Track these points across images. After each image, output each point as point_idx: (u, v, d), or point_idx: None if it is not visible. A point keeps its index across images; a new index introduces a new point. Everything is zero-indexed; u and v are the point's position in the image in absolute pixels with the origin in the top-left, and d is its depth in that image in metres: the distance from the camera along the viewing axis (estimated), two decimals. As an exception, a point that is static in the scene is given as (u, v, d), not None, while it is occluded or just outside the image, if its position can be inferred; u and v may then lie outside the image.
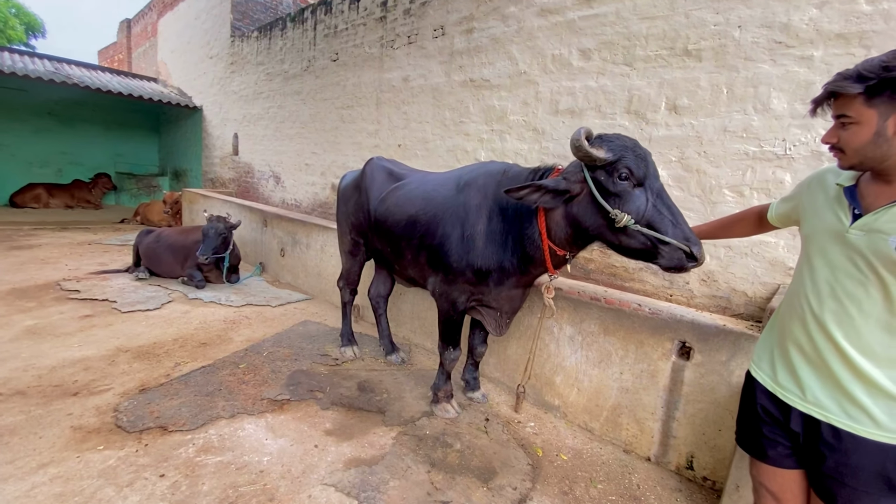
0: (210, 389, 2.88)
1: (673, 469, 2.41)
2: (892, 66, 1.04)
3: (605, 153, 1.75)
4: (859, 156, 1.14)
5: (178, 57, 10.71)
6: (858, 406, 1.15)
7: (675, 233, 1.68)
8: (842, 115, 1.13)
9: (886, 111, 1.06)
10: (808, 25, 2.62)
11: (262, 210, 5.87)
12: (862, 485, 1.14)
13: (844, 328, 1.17)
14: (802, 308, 1.27)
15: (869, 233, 1.13)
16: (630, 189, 1.76)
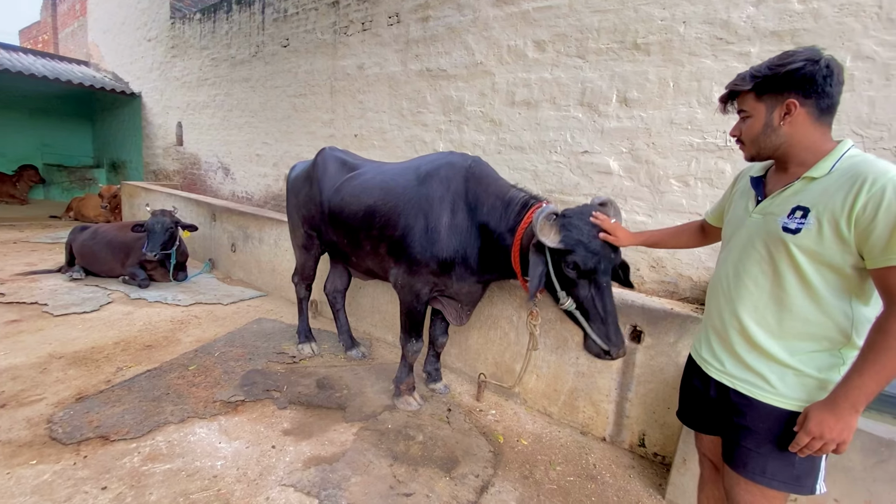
0: (156, 394, 2.72)
1: (627, 447, 2.52)
2: (774, 66, 1.19)
3: (560, 242, 1.80)
4: (756, 146, 1.27)
5: (111, 38, 9.92)
6: (756, 373, 1.25)
7: (599, 330, 1.82)
8: (741, 111, 1.27)
9: (772, 104, 1.20)
10: (745, 23, 2.76)
11: (211, 203, 5.59)
12: (754, 445, 1.24)
13: (745, 303, 1.28)
14: (718, 289, 1.38)
15: (765, 216, 1.25)
16: (576, 278, 1.83)
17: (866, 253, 1.08)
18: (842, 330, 1.16)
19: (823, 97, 1.16)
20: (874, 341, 1.06)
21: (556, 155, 3.57)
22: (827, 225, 1.11)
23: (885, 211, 1.03)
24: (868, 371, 1.05)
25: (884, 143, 2.42)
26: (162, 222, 4.55)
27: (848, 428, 1.07)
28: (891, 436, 1.65)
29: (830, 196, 1.12)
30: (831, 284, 1.15)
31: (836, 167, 1.15)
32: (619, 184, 3.28)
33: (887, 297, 1.06)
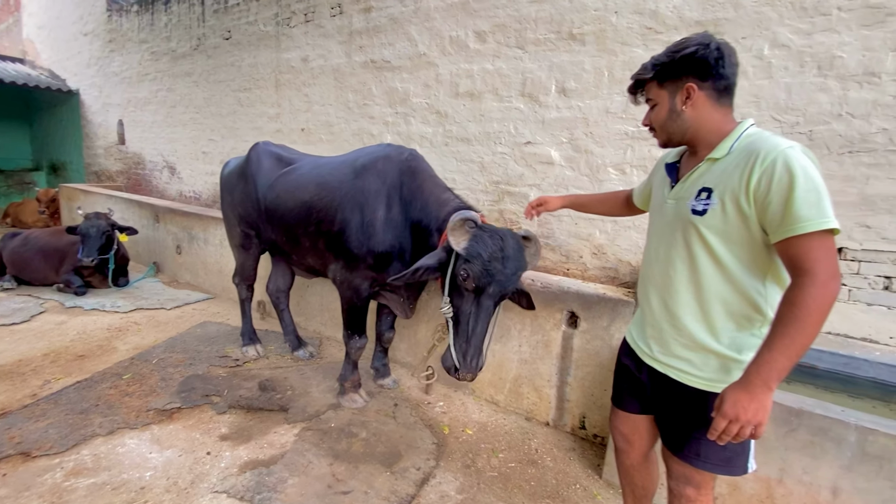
0: (85, 406, 2.58)
1: (569, 431, 2.57)
2: (670, 52, 1.22)
3: (463, 249, 1.79)
4: (665, 132, 1.30)
5: (47, 34, 9.30)
6: (683, 358, 1.28)
7: (460, 347, 1.82)
8: (648, 99, 1.31)
9: (674, 90, 1.23)
10: (672, 13, 2.83)
11: (153, 204, 5.34)
12: (687, 428, 1.28)
13: (668, 289, 1.30)
14: (646, 275, 1.43)
15: (677, 200, 1.28)
16: (464, 290, 1.83)
17: (767, 227, 1.09)
18: (757, 307, 1.18)
19: (719, 79, 1.19)
20: (782, 314, 1.04)
21: (501, 146, 3.58)
22: (729, 203, 1.13)
23: (777, 183, 1.04)
24: (777, 346, 1.02)
25: (800, 127, 2.53)
26: (97, 226, 4.31)
27: (763, 408, 1.03)
28: (800, 405, 1.73)
29: (729, 175, 1.14)
30: (743, 262, 1.16)
31: (735, 146, 1.18)
32: (561, 173, 3.33)
33: (791, 269, 1.06)
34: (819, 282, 1.00)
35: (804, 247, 1.02)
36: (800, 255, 1.03)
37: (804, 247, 1.02)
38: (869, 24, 2.32)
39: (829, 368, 2.45)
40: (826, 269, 1.01)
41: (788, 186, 1.03)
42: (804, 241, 1.02)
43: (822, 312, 1.00)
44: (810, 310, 0.99)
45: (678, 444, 1.30)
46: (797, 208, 1.02)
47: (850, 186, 2.44)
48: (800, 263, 1.03)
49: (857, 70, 2.37)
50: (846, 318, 2.52)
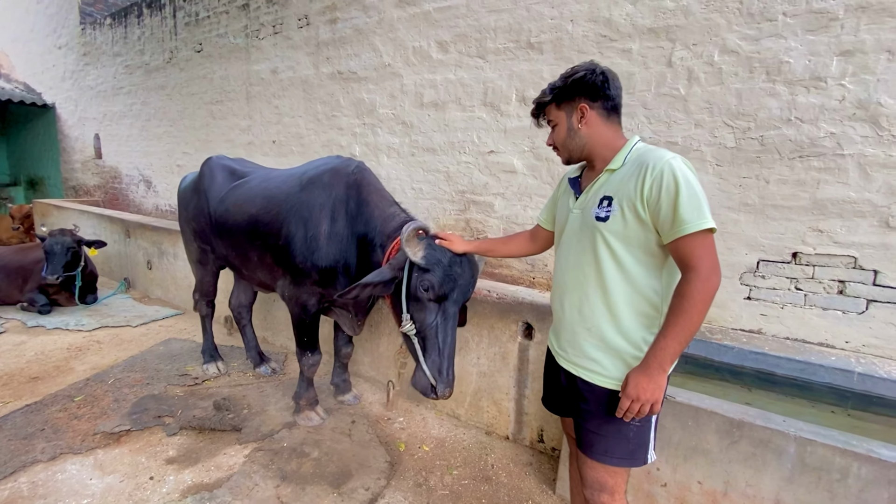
0: (30, 431, 2.50)
1: (528, 444, 2.52)
2: (564, 78, 1.36)
3: (421, 258, 1.74)
4: (567, 149, 1.42)
5: (21, 47, 9.23)
6: (592, 359, 1.36)
7: (433, 363, 1.72)
8: (549, 121, 1.44)
9: (570, 111, 1.36)
10: (626, 20, 2.83)
11: (124, 219, 5.27)
12: (595, 427, 1.36)
13: (578, 292, 1.38)
14: (557, 281, 1.50)
15: (582, 210, 1.39)
16: (427, 301, 1.77)
17: (660, 229, 1.21)
18: (655, 306, 1.29)
19: (606, 99, 1.34)
20: (674, 305, 1.18)
21: (465, 155, 3.56)
22: (627, 209, 1.25)
23: (665, 190, 1.18)
24: (670, 333, 1.17)
25: (751, 132, 2.53)
26: (62, 242, 4.23)
27: (659, 388, 1.19)
28: (741, 416, 1.70)
29: (625, 184, 1.27)
30: (642, 263, 1.27)
31: (628, 158, 1.32)
32: (524, 182, 3.31)
33: (682, 266, 1.19)
34: (702, 276, 1.14)
35: (688, 246, 1.16)
36: (685, 253, 1.17)
37: (688, 246, 1.16)
38: (813, 29, 2.33)
39: (787, 374, 2.43)
40: (707, 264, 1.14)
41: (675, 192, 1.16)
42: (688, 240, 1.16)
43: (705, 302, 1.14)
44: (695, 301, 1.14)
45: (589, 443, 1.38)
46: (682, 211, 1.15)
47: (801, 191, 2.43)
48: (686, 261, 1.17)
49: (803, 75, 2.37)
50: (803, 324, 2.51)
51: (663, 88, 2.75)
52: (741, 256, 2.62)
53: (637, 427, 1.33)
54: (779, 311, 2.57)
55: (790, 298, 2.53)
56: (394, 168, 3.98)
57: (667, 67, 2.73)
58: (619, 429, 1.33)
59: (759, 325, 2.63)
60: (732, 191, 2.61)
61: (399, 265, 1.88)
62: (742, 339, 2.58)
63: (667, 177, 1.17)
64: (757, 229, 2.57)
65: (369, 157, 4.11)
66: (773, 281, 2.57)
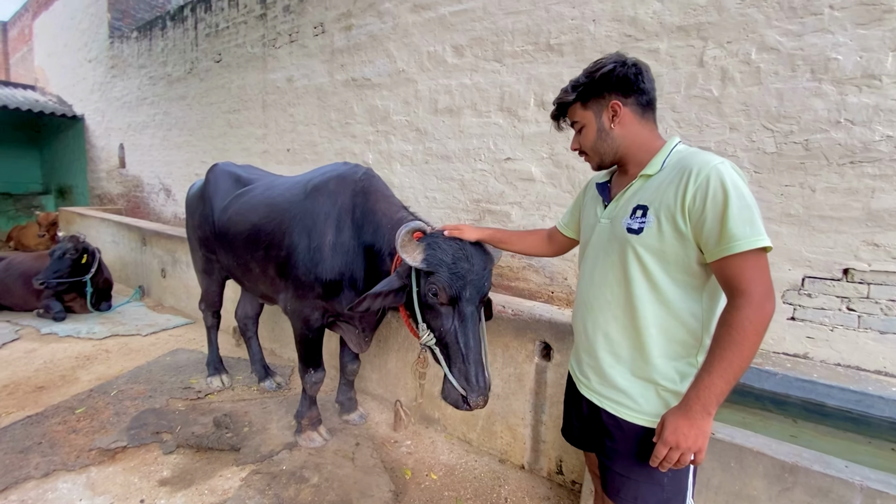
0: (27, 444, 2.42)
1: (545, 476, 2.31)
2: (589, 73, 1.20)
3: (422, 262, 1.58)
4: (597, 153, 1.25)
5: (55, 61, 9.60)
6: (620, 390, 1.19)
7: (459, 370, 1.55)
8: (573, 123, 1.27)
9: (598, 110, 1.20)
10: (652, 18, 2.65)
11: (140, 227, 5.29)
12: (624, 469, 1.19)
13: (605, 314, 1.21)
14: (580, 299, 1.32)
15: (612, 220, 1.22)
16: (439, 306, 1.61)
17: (703, 246, 1.05)
18: (693, 333, 1.13)
19: (641, 94, 1.18)
20: (719, 336, 1.01)
21: (481, 163, 3.41)
22: (665, 221, 1.09)
23: (711, 200, 1.02)
24: (716, 369, 0.99)
25: (794, 136, 2.31)
26: (63, 249, 4.25)
27: (703, 434, 1.02)
28: (794, 459, 1.47)
29: (664, 191, 1.10)
30: (679, 284, 1.11)
31: (667, 163, 1.15)
32: (542, 190, 3.13)
33: (729, 289, 1.02)
34: (755, 303, 0.98)
35: (738, 266, 1.00)
36: (734, 274, 1.00)
37: (738, 266, 1.00)
38: (865, 23, 2.11)
39: (840, 406, 2.17)
40: (760, 289, 0.98)
41: (723, 203, 1.00)
42: (739, 260, 0.99)
43: (758, 334, 0.98)
44: (747, 332, 0.97)
45: (615, 488, 1.21)
46: (731, 226, 0.99)
47: (853, 200, 2.19)
48: (735, 284, 1.00)
49: (854, 73, 2.14)
50: (857, 348, 2.24)
51: (694, 90, 2.55)
52: (784, 272, 2.38)
53: (673, 472, 1.13)
54: (828, 333, 2.31)
55: (841, 320, 2.27)
56: (407, 176, 3.85)
57: (698, 67, 2.53)
58: (651, 473, 1.15)
59: (805, 348, 2.37)
60: (773, 200, 2.38)
61: (406, 272, 1.71)
62: (786, 365, 2.32)
63: (713, 184, 1.01)
64: (801, 242, 2.33)
65: (382, 164, 4.01)
66: (821, 300, 2.32)
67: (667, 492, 1.16)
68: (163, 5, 8.20)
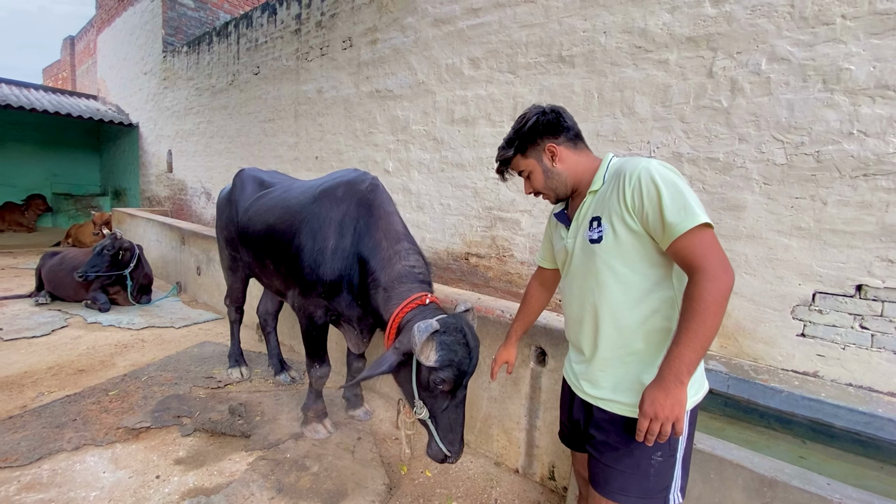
0: (63, 420, 2.67)
1: (538, 480, 2.33)
2: (517, 128, 1.35)
3: (435, 360, 1.74)
4: (551, 190, 1.37)
5: (115, 73, 10.43)
6: (607, 387, 1.27)
7: (445, 437, 1.81)
8: (520, 172, 1.40)
9: (538, 154, 1.34)
10: (662, 30, 2.67)
11: (181, 228, 5.66)
12: (612, 461, 1.25)
13: (588, 322, 1.30)
14: (567, 315, 1.43)
15: (576, 238, 1.33)
16: (440, 392, 1.80)
17: (655, 237, 1.15)
18: (670, 318, 1.20)
19: (567, 131, 1.33)
20: (684, 310, 1.08)
21: (493, 171, 3.48)
22: (617, 224, 1.19)
23: (647, 196, 1.12)
24: (684, 340, 1.06)
25: (805, 147, 2.26)
26: (104, 245, 4.64)
27: (678, 403, 1.08)
28: (774, 473, 1.45)
29: (608, 200, 1.22)
30: (648, 277, 1.19)
31: (606, 175, 1.27)
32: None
33: (687, 269, 1.10)
34: (710, 275, 1.05)
35: (687, 247, 1.08)
36: (686, 254, 1.08)
37: (687, 247, 1.08)
38: (879, 33, 2.06)
39: (848, 428, 2.09)
40: (713, 262, 1.05)
41: (657, 196, 1.10)
42: (685, 241, 1.08)
43: (718, 304, 1.04)
44: (707, 302, 1.04)
45: (604, 479, 1.27)
46: (668, 214, 1.08)
47: (867, 214, 2.12)
48: (689, 262, 1.08)
49: (867, 83, 2.09)
50: (869, 368, 2.15)
51: (703, 101, 2.53)
52: (793, 287, 2.31)
53: (659, 462, 1.20)
54: (839, 351, 2.23)
55: (853, 338, 2.19)
56: (424, 184, 3.97)
57: (707, 78, 2.52)
58: (639, 464, 1.21)
59: (814, 366, 2.29)
60: (783, 213, 2.33)
61: (406, 350, 1.83)
62: (794, 382, 2.25)
63: (645, 182, 1.12)
64: (812, 257, 2.27)
65: (401, 172, 4.15)
66: (833, 317, 2.24)
67: (651, 482, 1.21)
68: (211, 21, 8.77)
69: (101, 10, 10.83)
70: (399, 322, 1.94)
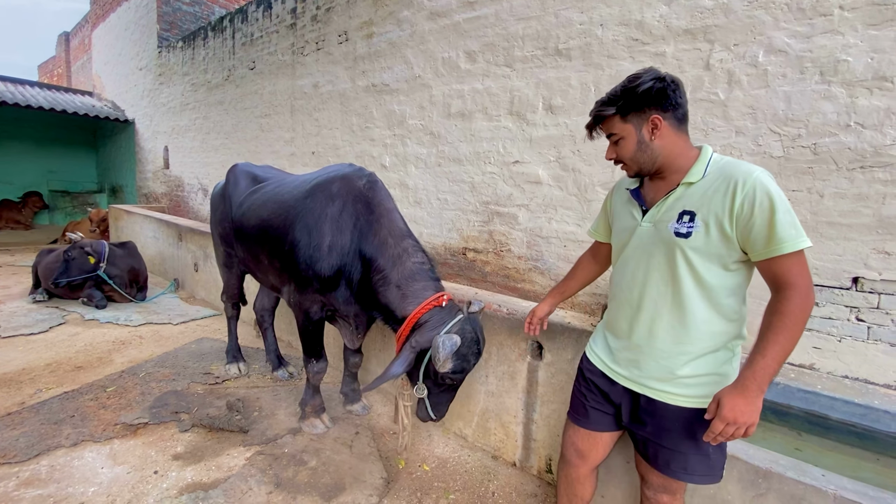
0: (62, 416, 2.67)
1: (535, 473, 2.33)
2: (628, 88, 1.26)
3: (449, 368, 1.87)
4: (636, 163, 1.32)
5: (111, 69, 10.36)
6: (665, 380, 1.31)
7: (436, 408, 2.08)
8: (610, 134, 1.34)
9: (639, 122, 1.27)
10: (659, 22, 2.65)
11: (177, 224, 5.65)
12: (673, 445, 1.32)
13: (651, 311, 1.32)
14: (621, 298, 1.41)
15: (655, 224, 1.32)
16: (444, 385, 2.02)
17: (750, 247, 1.17)
18: (731, 322, 1.26)
19: (678, 108, 1.26)
20: (774, 324, 1.12)
21: (490, 166, 3.47)
22: (713, 226, 1.20)
23: (759, 207, 1.13)
24: (770, 352, 1.11)
25: (802, 140, 2.26)
26: (66, 252, 4.65)
27: (757, 410, 1.13)
28: (769, 465, 1.46)
29: (710, 199, 1.21)
30: (722, 281, 1.24)
31: (708, 171, 1.25)
32: (549, 193, 3.16)
33: (775, 284, 1.16)
34: (802, 293, 1.11)
35: (787, 264, 1.13)
36: (783, 271, 1.13)
37: (787, 264, 1.13)
38: (877, 24, 2.05)
39: (844, 420, 2.10)
40: (806, 281, 1.12)
41: (769, 209, 1.12)
42: (787, 259, 1.12)
43: (805, 320, 1.11)
44: (797, 318, 1.10)
45: (664, 461, 1.34)
46: (779, 229, 1.11)
47: (863, 206, 2.12)
48: (785, 279, 1.13)
49: (865, 75, 2.08)
50: (865, 360, 2.16)
51: (700, 93, 2.52)
52: (789, 280, 2.31)
53: (716, 445, 1.29)
54: (836, 344, 2.23)
55: (849, 330, 2.20)
56: (421, 178, 3.96)
57: (704, 70, 2.51)
58: (699, 446, 1.30)
59: (810, 359, 2.30)
60: (779, 205, 2.32)
61: (420, 351, 1.98)
62: (790, 375, 2.26)
63: (760, 193, 1.13)
64: (809, 249, 2.25)
65: (398, 167, 4.13)
66: (829, 309, 2.24)
67: (712, 460, 1.31)
68: (206, 16, 8.71)
69: (95, 6, 10.74)
70: (416, 321, 2.03)
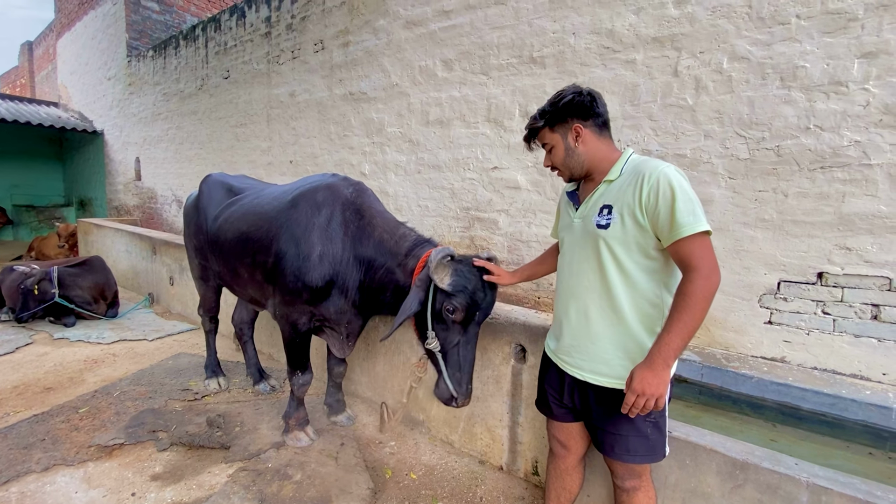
0: (31, 441, 2.56)
1: (522, 476, 2.35)
2: (553, 103, 1.41)
3: (448, 283, 1.84)
4: (567, 168, 1.46)
5: (77, 79, 10.06)
6: (599, 362, 1.40)
7: (453, 377, 1.89)
8: (544, 144, 1.48)
9: (564, 131, 1.42)
10: (629, 31, 2.74)
11: (151, 237, 5.50)
12: (613, 428, 1.40)
13: (583, 298, 1.42)
14: (562, 288, 1.53)
15: (583, 219, 1.45)
16: (451, 322, 1.87)
17: (660, 233, 1.27)
18: (655, 305, 1.34)
19: (597, 117, 1.40)
20: (677, 303, 1.22)
21: (470, 172, 3.51)
22: (627, 216, 1.31)
23: (662, 197, 1.24)
24: (675, 329, 1.20)
25: (766, 142, 2.35)
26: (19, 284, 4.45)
27: (663, 382, 1.22)
28: (745, 457, 1.51)
29: (623, 193, 1.34)
30: (642, 267, 1.33)
31: (624, 169, 1.38)
32: (528, 198, 3.21)
33: (683, 266, 1.25)
34: (703, 275, 1.19)
35: (688, 247, 1.22)
36: (686, 254, 1.22)
37: (688, 247, 1.22)
38: (831, 31, 2.16)
39: (814, 410, 2.18)
40: (707, 264, 1.20)
41: (671, 198, 1.23)
42: (687, 242, 1.22)
43: (706, 300, 1.19)
44: (698, 298, 1.19)
45: (609, 446, 1.42)
46: (679, 216, 1.21)
47: (825, 205, 2.22)
48: (687, 261, 1.22)
49: (822, 80, 2.19)
50: (832, 352, 2.25)
51: (670, 99, 2.61)
52: (760, 276, 2.40)
53: (653, 423, 1.38)
54: (804, 337, 2.32)
55: (817, 324, 2.29)
56: (401, 186, 3.97)
57: (673, 77, 2.60)
58: (637, 427, 1.37)
59: (782, 352, 2.39)
60: (748, 205, 2.42)
61: (424, 287, 1.92)
62: (763, 368, 2.34)
63: (663, 185, 1.24)
64: (776, 247, 2.36)
65: (378, 175, 4.13)
66: (797, 304, 2.34)
67: (651, 440, 1.39)
68: (177, 25, 8.55)
69: (60, 14, 10.44)
70: (419, 273, 2.00)
